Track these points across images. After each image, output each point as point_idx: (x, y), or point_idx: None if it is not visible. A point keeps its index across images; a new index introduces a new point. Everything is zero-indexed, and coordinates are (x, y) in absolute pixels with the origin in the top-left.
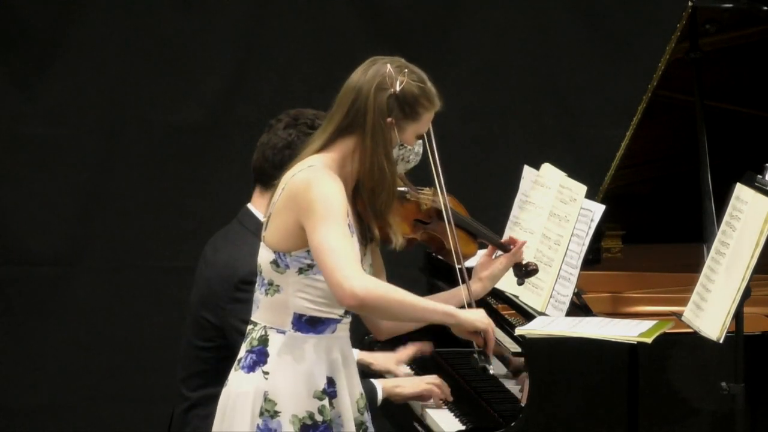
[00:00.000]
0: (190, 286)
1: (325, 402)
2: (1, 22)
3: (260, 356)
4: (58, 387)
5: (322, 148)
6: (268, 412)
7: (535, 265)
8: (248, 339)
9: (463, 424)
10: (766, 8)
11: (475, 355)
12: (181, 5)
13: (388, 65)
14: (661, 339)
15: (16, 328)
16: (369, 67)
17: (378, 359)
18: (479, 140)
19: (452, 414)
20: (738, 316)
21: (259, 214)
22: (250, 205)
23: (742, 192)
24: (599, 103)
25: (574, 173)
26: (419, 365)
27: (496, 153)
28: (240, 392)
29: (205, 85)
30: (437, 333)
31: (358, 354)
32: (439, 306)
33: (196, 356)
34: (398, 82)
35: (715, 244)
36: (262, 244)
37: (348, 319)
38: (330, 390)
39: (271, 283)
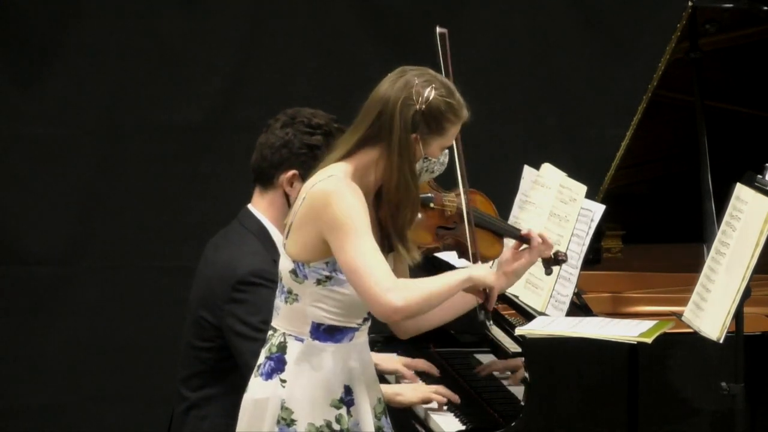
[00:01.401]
0: (190, 286)
1: (343, 411)
2: (1, 22)
3: (278, 363)
4: (59, 387)
5: (344, 157)
6: (285, 420)
7: (565, 254)
8: (268, 345)
9: (463, 424)
10: (766, 8)
11: (477, 310)
12: (181, 5)
13: (416, 78)
14: (661, 339)
15: (16, 328)
16: (397, 79)
17: (384, 360)
18: (479, 140)
19: (452, 414)
20: (738, 316)
21: (259, 215)
22: (250, 206)
23: (742, 192)
24: (599, 103)
25: (574, 173)
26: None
27: (496, 153)
28: (258, 399)
29: (205, 85)
30: (437, 333)
31: None
32: (458, 276)
33: (195, 356)
34: (425, 98)
35: (715, 244)
36: (282, 252)
37: (367, 325)
38: (347, 398)
39: (290, 292)
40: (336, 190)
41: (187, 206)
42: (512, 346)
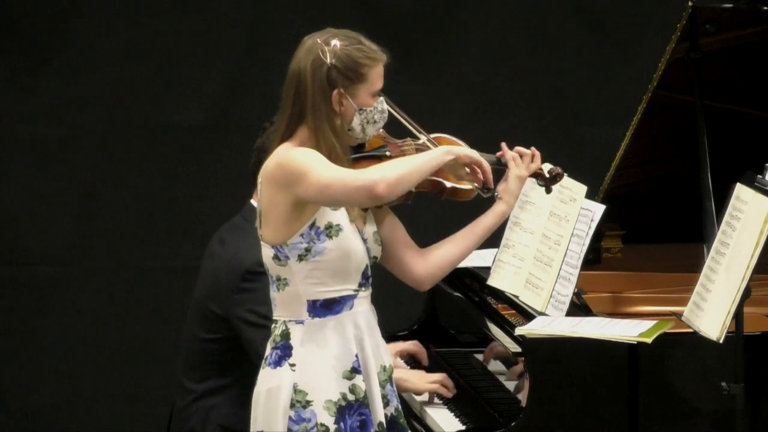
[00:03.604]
0: (190, 286)
1: (356, 380)
2: (1, 22)
3: (285, 350)
4: (59, 386)
5: (282, 141)
6: (300, 402)
7: (559, 169)
8: (271, 337)
9: (463, 424)
10: (766, 8)
11: (480, 193)
12: (181, 5)
13: (318, 39)
14: (661, 339)
15: (17, 328)
16: (301, 49)
17: None
18: (479, 140)
19: (452, 414)
20: (738, 316)
21: None
22: (253, 200)
23: (742, 192)
24: (599, 103)
25: (574, 173)
26: (421, 367)
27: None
28: (270, 388)
29: (205, 85)
30: (437, 333)
31: None
32: (435, 152)
33: (201, 349)
34: (332, 52)
35: (715, 244)
36: (261, 243)
37: (366, 292)
38: (359, 367)
39: (279, 278)
40: (280, 153)
41: (187, 206)
42: (512, 346)
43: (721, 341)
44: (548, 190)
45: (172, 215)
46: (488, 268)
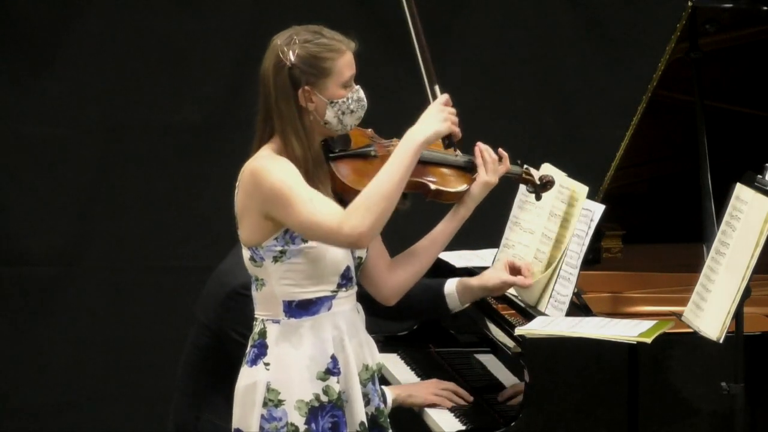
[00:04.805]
0: (190, 286)
1: (330, 381)
2: (1, 22)
3: (261, 349)
4: (59, 387)
5: (261, 143)
6: (272, 401)
7: (550, 177)
8: (252, 335)
9: (463, 424)
10: (766, 8)
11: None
12: (181, 5)
13: (278, 40)
14: (661, 339)
15: (16, 328)
16: (267, 53)
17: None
18: (479, 140)
19: (452, 414)
20: (738, 316)
21: None
22: None
23: (742, 192)
24: (599, 103)
25: (574, 173)
26: (421, 367)
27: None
28: (247, 385)
29: (205, 85)
30: (437, 333)
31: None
32: (406, 147)
33: (196, 357)
34: (291, 53)
35: (715, 244)
36: (241, 243)
37: (346, 293)
38: (336, 368)
39: (257, 278)
40: (260, 164)
41: (187, 206)
42: (512, 346)
43: (721, 341)
44: (538, 197)
45: (172, 215)
46: (488, 268)
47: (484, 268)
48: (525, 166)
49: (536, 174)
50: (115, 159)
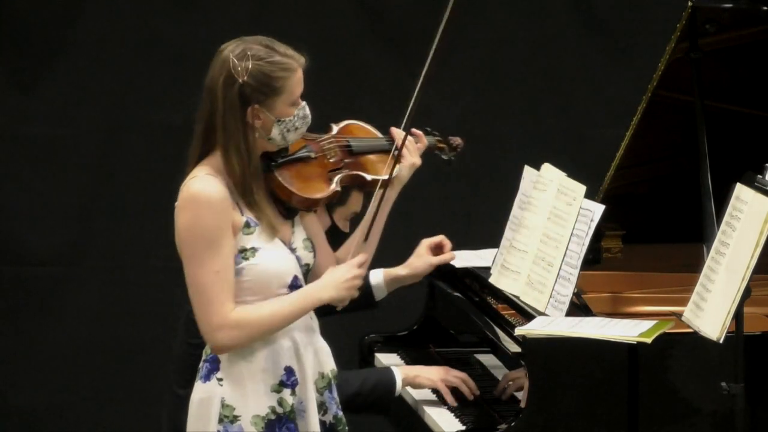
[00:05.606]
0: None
1: (284, 393)
2: (1, 22)
3: (213, 364)
4: (58, 387)
5: (201, 157)
6: (227, 417)
7: (459, 140)
8: (205, 349)
9: (463, 424)
10: (766, 8)
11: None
12: (181, 5)
13: (231, 54)
14: (661, 339)
15: (17, 328)
16: (216, 61)
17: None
18: (479, 140)
19: (452, 414)
20: (738, 316)
21: None
22: None
23: (742, 192)
24: (599, 103)
25: (574, 173)
26: (414, 359)
27: (496, 153)
28: (201, 400)
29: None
30: (437, 333)
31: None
32: (299, 300)
33: (189, 354)
34: (244, 69)
35: (715, 244)
36: None
37: None
38: (291, 380)
39: None
40: (182, 200)
41: None
42: (512, 346)
43: (721, 341)
44: (449, 162)
45: (172, 215)
46: (488, 268)
47: (485, 269)
48: (434, 132)
49: (450, 140)
50: (115, 159)
